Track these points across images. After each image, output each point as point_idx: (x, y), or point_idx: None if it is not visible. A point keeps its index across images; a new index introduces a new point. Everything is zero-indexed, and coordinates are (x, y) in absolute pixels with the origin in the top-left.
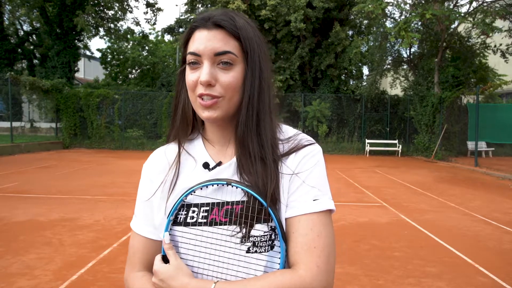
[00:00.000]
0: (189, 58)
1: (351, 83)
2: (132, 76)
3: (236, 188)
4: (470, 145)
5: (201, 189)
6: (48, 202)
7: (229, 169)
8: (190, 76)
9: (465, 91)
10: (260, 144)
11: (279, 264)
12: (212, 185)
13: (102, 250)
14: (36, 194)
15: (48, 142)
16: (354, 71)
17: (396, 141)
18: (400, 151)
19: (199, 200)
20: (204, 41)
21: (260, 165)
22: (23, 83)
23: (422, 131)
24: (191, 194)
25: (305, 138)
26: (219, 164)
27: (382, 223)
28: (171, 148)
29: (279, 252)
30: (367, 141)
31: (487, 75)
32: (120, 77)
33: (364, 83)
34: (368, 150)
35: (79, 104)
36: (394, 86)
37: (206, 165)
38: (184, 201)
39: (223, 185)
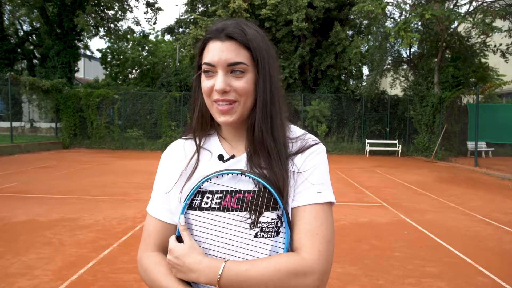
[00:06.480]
0: (204, 67)
1: (351, 83)
2: (132, 76)
3: (249, 178)
4: (470, 145)
5: (217, 177)
6: (48, 202)
7: (241, 162)
8: (206, 82)
9: (465, 91)
10: (274, 143)
11: (283, 248)
12: (227, 174)
13: (102, 250)
14: (36, 194)
15: (48, 142)
16: (354, 71)
17: (396, 141)
18: (400, 151)
19: (213, 188)
20: (217, 52)
21: (274, 162)
22: (23, 83)
23: (422, 131)
24: (207, 182)
25: (311, 138)
26: (233, 157)
27: (382, 223)
28: (189, 142)
29: (284, 238)
30: (367, 141)
31: (487, 74)
32: (120, 77)
33: (364, 83)
34: (368, 150)
35: (79, 104)
36: (394, 86)
37: (220, 157)
38: (200, 188)
39: (237, 175)
